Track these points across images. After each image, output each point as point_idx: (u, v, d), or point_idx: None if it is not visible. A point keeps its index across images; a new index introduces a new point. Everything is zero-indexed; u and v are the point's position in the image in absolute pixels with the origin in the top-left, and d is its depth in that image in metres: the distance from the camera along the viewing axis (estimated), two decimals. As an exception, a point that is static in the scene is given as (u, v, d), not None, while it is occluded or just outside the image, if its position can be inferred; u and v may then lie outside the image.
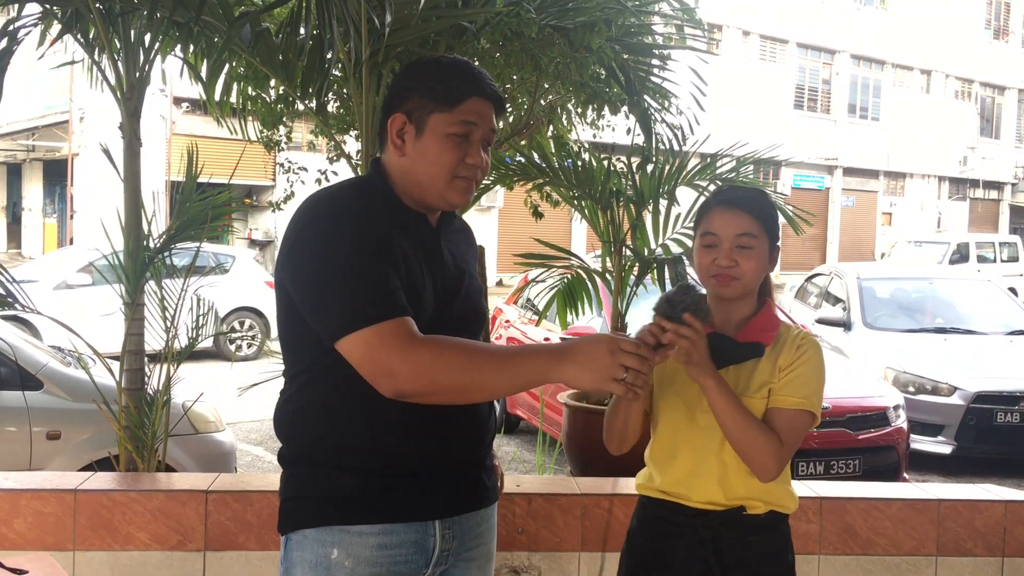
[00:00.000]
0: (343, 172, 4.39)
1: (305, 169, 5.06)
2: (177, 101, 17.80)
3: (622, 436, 2.12)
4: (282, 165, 5.26)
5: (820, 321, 9.13)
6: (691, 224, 3.35)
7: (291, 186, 5.01)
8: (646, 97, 4.47)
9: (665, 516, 2.12)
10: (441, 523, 1.85)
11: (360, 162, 4.18)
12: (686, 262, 4.30)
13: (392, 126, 1.86)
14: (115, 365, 4.03)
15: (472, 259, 2.02)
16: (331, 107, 4.64)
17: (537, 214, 5.02)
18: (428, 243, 1.87)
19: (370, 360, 1.70)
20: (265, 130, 4.99)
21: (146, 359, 4.04)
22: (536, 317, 7.73)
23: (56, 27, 4.06)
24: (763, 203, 2.17)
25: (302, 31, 3.90)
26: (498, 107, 1.92)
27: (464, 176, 1.85)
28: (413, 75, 1.90)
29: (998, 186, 35.17)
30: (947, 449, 7.43)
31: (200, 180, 4.08)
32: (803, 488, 3.47)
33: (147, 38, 3.93)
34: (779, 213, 2.46)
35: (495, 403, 2.03)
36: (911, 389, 7.55)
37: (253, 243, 20.08)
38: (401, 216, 1.85)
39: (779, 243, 2.18)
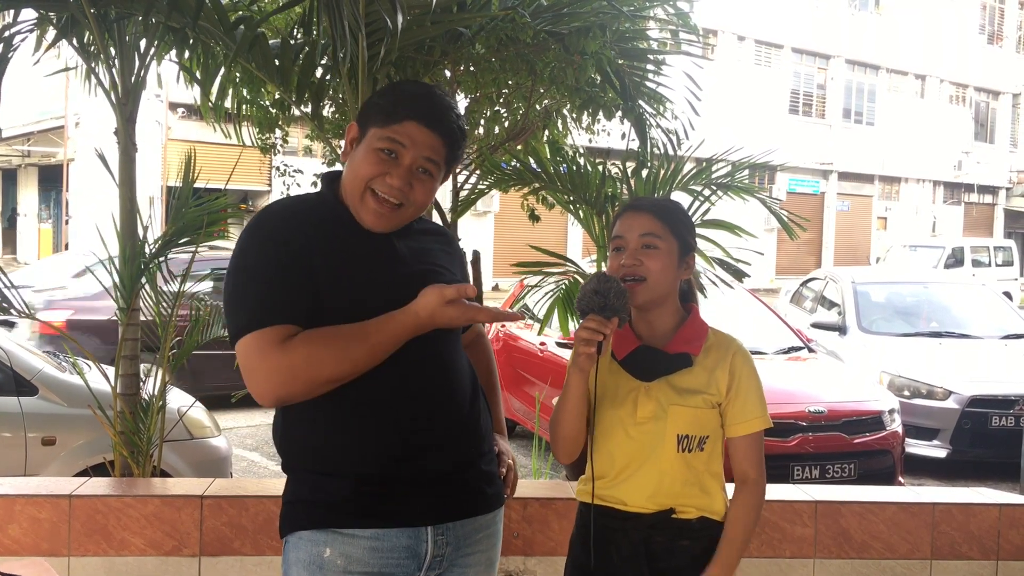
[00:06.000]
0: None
1: (301, 171, 5.07)
2: (173, 106, 17.80)
3: (570, 442, 2.12)
4: (278, 168, 5.26)
5: (815, 325, 9.15)
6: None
7: (287, 189, 5.01)
8: (641, 102, 4.48)
9: (599, 520, 2.14)
10: (433, 529, 1.87)
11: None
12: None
13: (347, 134, 1.93)
14: (110, 370, 4.02)
15: (448, 256, 2.03)
16: (327, 112, 4.64)
17: (534, 217, 5.03)
18: (378, 245, 1.89)
19: (244, 368, 1.79)
20: (261, 135, 4.99)
21: (141, 364, 4.03)
22: (532, 322, 7.74)
23: (51, 32, 4.06)
24: (671, 209, 2.21)
25: (300, 36, 3.91)
26: (448, 141, 1.90)
27: (379, 193, 1.85)
28: (380, 91, 1.96)
29: (992, 190, 35.26)
30: (942, 453, 7.45)
31: (196, 185, 4.08)
32: (798, 492, 3.48)
33: (143, 43, 3.94)
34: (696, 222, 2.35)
35: (486, 409, 2.03)
36: (906, 393, 7.57)
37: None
38: (341, 220, 1.89)
39: (693, 252, 2.20)
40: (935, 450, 7.47)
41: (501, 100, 4.79)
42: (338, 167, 4.54)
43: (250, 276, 1.81)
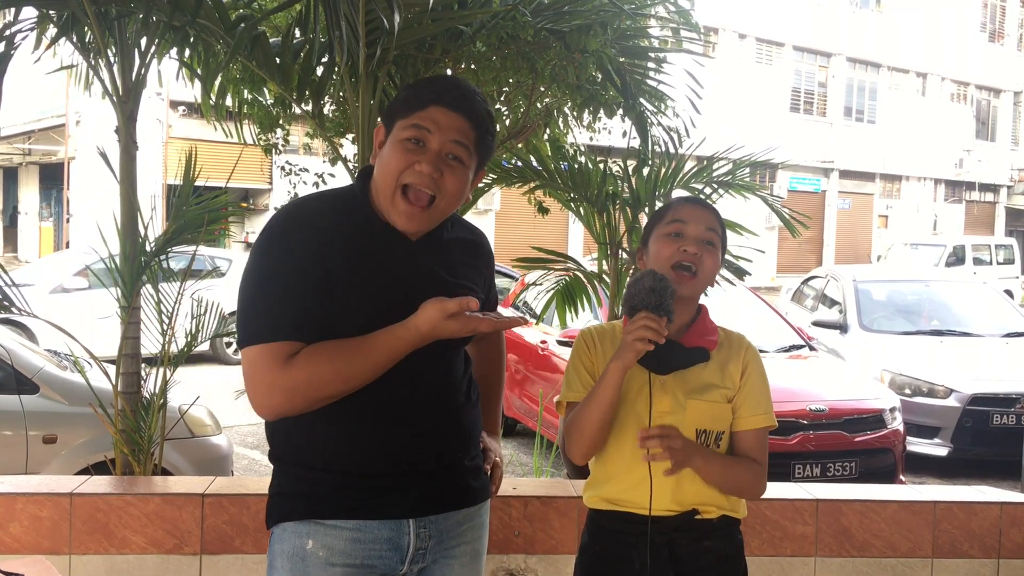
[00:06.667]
0: (340, 175, 4.39)
1: (307, 170, 5.06)
2: (173, 104, 17.80)
3: (595, 441, 2.07)
4: (283, 168, 5.26)
5: (816, 323, 9.15)
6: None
7: (294, 188, 5.01)
8: (642, 100, 4.48)
9: (616, 527, 2.10)
10: (416, 521, 1.87)
11: (357, 165, 4.19)
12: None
13: (376, 138, 1.90)
14: (111, 369, 4.02)
15: (471, 268, 2.00)
16: (327, 110, 4.64)
17: (543, 210, 5.03)
18: (398, 253, 1.86)
19: (247, 377, 1.79)
20: (262, 133, 4.99)
21: (142, 363, 4.03)
22: (532, 320, 7.74)
23: (52, 31, 4.06)
24: (718, 212, 2.21)
25: (298, 34, 3.90)
26: (475, 123, 1.85)
27: (410, 186, 1.81)
28: (403, 88, 1.97)
29: (994, 188, 35.24)
30: (943, 451, 7.45)
31: (197, 183, 4.08)
32: (799, 490, 3.47)
33: (143, 42, 3.94)
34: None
35: (475, 404, 2.02)
36: (907, 391, 7.57)
37: (249, 246, 20.06)
38: (367, 226, 1.85)
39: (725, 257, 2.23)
40: (936, 448, 7.46)
41: (502, 98, 4.78)
42: (340, 166, 4.55)
43: (263, 283, 1.79)
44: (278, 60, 3.85)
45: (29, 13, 3.91)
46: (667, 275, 2.02)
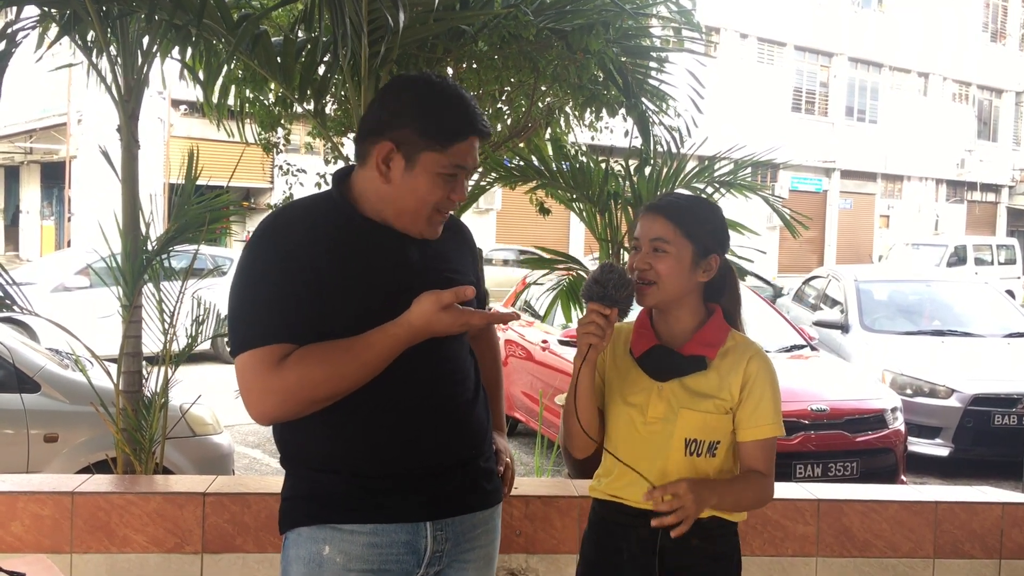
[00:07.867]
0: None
1: (303, 171, 5.06)
2: (175, 103, 17.80)
3: (582, 436, 2.10)
4: (280, 167, 5.25)
5: (818, 323, 9.15)
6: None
7: (290, 188, 5.01)
8: (644, 100, 4.48)
9: (610, 516, 2.14)
10: (432, 524, 1.87)
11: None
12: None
13: (378, 152, 1.84)
14: (113, 367, 4.02)
15: (460, 257, 2.01)
16: (329, 109, 4.64)
17: (544, 211, 5.03)
18: (387, 248, 1.87)
19: (241, 384, 1.80)
20: (263, 132, 4.99)
21: (144, 361, 4.03)
22: (533, 319, 7.75)
23: (54, 29, 4.06)
24: (688, 209, 2.15)
25: (301, 34, 3.90)
26: (485, 139, 1.93)
27: (444, 211, 1.88)
28: (403, 100, 1.85)
29: (995, 188, 35.22)
30: (944, 451, 7.44)
31: (198, 182, 4.08)
32: (800, 490, 3.47)
33: (145, 40, 3.94)
34: (729, 223, 2.23)
35: (486, 407, 2.02)
36: (908, 391, 7.57)
37: (250, 246, 20.04)
38: (350, 226, 1.86)
39: (716, 253, 2.13)
40: (937, 448, 7.46)
41: (504, 98, 4.78)
42: (340, 164, 4.55)
43: (252, 290, 1.80)
44: (280, 59, 3.85)
45: (31, 12, 3.92)
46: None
